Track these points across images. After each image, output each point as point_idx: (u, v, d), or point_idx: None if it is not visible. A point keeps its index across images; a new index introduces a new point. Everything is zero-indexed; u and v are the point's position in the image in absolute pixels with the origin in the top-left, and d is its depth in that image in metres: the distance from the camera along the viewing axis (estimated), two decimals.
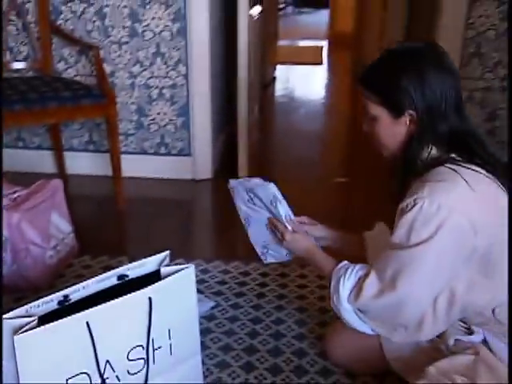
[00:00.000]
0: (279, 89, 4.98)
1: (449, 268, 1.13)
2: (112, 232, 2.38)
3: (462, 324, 1.24)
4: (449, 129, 1.18)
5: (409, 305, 1.17)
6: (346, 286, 1.26)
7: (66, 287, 1.27)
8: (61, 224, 2.01)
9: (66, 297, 1.27)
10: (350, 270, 1.28)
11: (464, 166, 1.14)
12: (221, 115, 3.16)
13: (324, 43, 7.41)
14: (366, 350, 1.39)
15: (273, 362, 1.57)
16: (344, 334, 1.42)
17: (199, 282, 1.90)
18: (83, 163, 2.89)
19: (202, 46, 2.69)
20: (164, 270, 1.39)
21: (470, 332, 1.23)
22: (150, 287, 1.31)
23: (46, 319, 1.20)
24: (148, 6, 2.67)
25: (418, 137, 1.20)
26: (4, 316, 1.17)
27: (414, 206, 1.12)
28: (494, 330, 1.20)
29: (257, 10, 3.09)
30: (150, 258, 1.41)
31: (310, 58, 6.41)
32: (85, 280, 1.30)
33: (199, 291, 1.75)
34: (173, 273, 1.37)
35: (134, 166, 2.81)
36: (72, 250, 2.08)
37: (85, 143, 2.91)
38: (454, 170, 1.13)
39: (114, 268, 1.36)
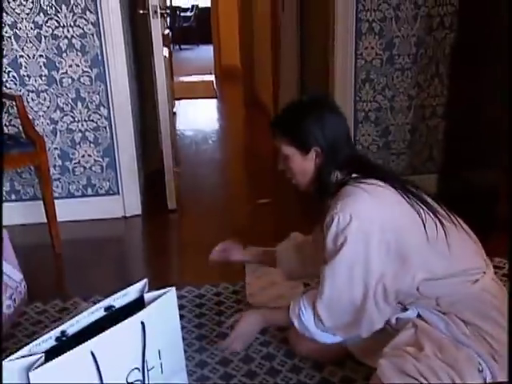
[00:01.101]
0: (181, 123, 5.15)
1: (374, 262, 1.35)
2: (55, 276, 2.41)
3: (399, 305, 1.46)
4: (345, 156, 1.45)
5: (355, 302, 1.39)
6: (307, 320, 1.45)
7: (34, 333, 1.32)
8: (12, 273, 2.02)
9: (63, 332, 1.35)
10: (301, 306, 1.46)
11: (363, 182, 1.40)
12: (140, 151, 3.27)
13: (212, 77, 7.73)
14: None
15: (247, 369, 1.71)
16: None
17: None
18: (6, 213, 2.84)
19: (121, 88, 2.81)
20: (147, 296, 1.51)
21: (406, 309, 1.43)
22: (140, 312, 1.43)
23: (49, 355, 1.28)
24: (64, 54, 2.75)
25: (325, 167, 1.44)
26: (11, 357, 1.24)
27: (332, 220, 1.35)
28: (424, 304, 1.42)
29: (165, 50, 3.28)
30: (130, 288, 1.52)
31: (204, 92, 6.67)
32: (45, 325, 1.35)
33: None
34: (156, 297, 1.50)
35: (63, 211, 2.83)
36: (24, 297, 2.09)
37: (6, 193, 2.88)
38: (356, 186, 1.39)
39: (69, 310, 1.44)
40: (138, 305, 1.48)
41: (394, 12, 2.90)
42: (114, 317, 1.42)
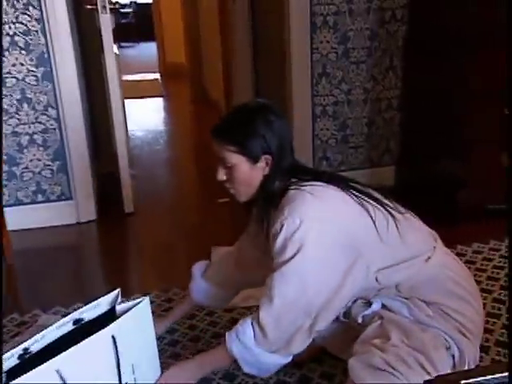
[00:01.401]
0: (130, 123, 4.99)
1: (330, 263, 1.31)
2: (10, 289, 2.25)
3: (363, 301, 1.44)
4: (290, 164, 1.40)
5: (312, 305, 1.32)
6: (248, 339, 1.33)
7: None
8: None
9: (25, 350, 1.25)
10: (238, 327, 1.35)
11: (304, 185, 1.35)
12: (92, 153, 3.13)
13: (157, 76, 7.57)
14: None
15: (225, 371, 1.65)
16: None
17: None
18: None
19: (71, 87, 2.67)
20: (119, 308, 1.42)
21: (370, 304, 1.42)
22: (111, 326, 1.34)
23: (11, 375, 1.17)
24: (7, 53, 2.58)
25: (272, 175, 1.37)
26: None
27: (281, 227, 1.28)
28: (386, 294, 1.41)
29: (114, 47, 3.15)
30: (101, 299, 1.43)
31: (150, 90, 6.52)
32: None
33: None
34: (129, 308, 1.41)
35: (13, 219, 2.66)
36: None
37: None
38: (298, 189, 1.34)
39: (29, 323, 1.34)
40: (109, 317, 1.39)
41: (348, 5, 2.90)
42: (84, 331, 1.33)
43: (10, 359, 1.21)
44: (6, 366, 1.19)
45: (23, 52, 2.60)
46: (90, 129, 3.21)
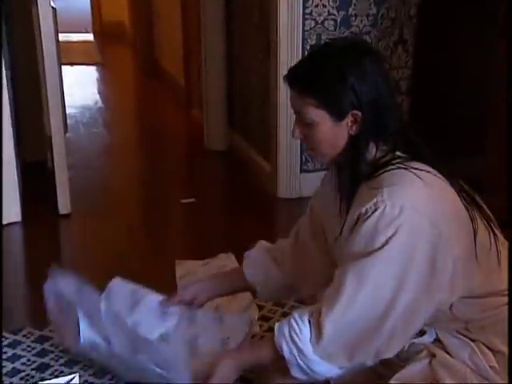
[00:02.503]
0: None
1: (414, 270, 1.27)
2: None
3: None
4: (389, 125, 1.34)
5: (378, 310, 1.28)
6: (303, 340, 1.31)
7: None
8: None
9: None
10: (293, 323, 1.33)
11: (414, 165, 1.29)
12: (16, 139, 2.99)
13: (90, 37, 7.40)
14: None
15: None
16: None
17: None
18: None
19: None
20: None
21: (422, 333, 1.39)
22: None
23: None
24: None
25: (363, 137, 1.33)
26: None
27: (375, 210, 1.26)
28: (449, 326, 1.37)
29: None
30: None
31: (85, 56, 6.33)
32: None
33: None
34: None
35: None
36: None
37: None
38: (405, 168, 1.29)
39: None
40: None
41: None
42: None
43: None
44: None
45: None
46: (15, 107, 3.08)
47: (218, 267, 2.29)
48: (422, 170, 1.29)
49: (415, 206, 1.26)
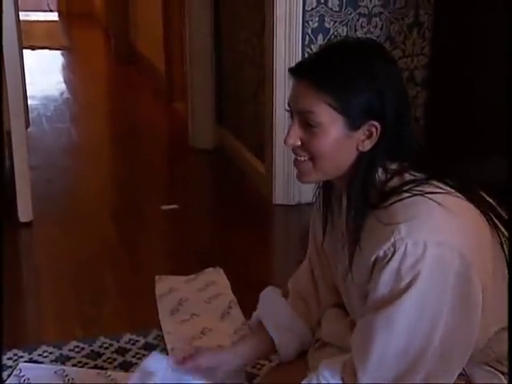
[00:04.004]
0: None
1: (446, 310, 1.29)
2: None
3: None
4: (413, 139, 1.34)
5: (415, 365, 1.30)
6: None
7: None
8: None
9: None
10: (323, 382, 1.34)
11: (429, 188, 1.27)
12: None
13: (54, 17, 7.45)
14: None
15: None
16: None
17: None
18: None
19: None
20: None
21: None
22: None
23: None
24: None
25: (379, 153, 1.30)
26: None
27: (394, 252, 1.25)
28: (478, 359, 1.38)
29: None
30: None
31: (49, 39, 6.38)
32: None
33: None
34: None
35: None
36: None
37: None
38: (420, 194, 1.27)
39: None
40: None
41: None
42: None
43: None
44: None
45: None
46: None
47: (205, 283, 2.32)
48: (439, 194, 1.28)
49: (440, 239, 1.26)
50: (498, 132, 2.73)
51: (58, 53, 6.20)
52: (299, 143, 1.33)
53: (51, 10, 7.60)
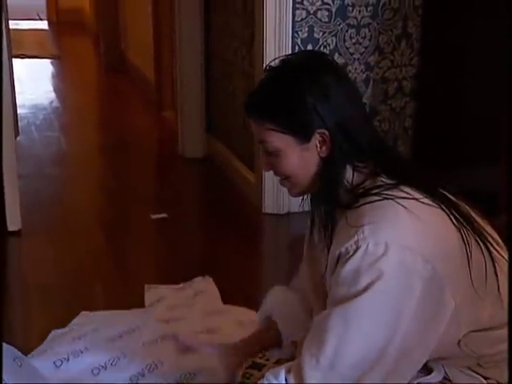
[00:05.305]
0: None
1: (409, 313, 1.31)
2: None
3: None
4: (363, 142, 1.37)
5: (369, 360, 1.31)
6: None
7: None
8: None
9: None
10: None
11: (398, 193, 1.32)
12: None
13: (44, 25, 7.44)
14: None
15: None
16: None
17: None
18: None
19: None
20: None
21: (429, 371, 1.42)
22: None
23: None
24: None
25: (337, 156, 1.37)
26: None
27: (356, 249, 1.29)
28: (459, 363, 1.41)
29: None
30: None
31: (38, 47, 6.38)
32: None
33: None
34: None
35: None
36: None
37: None
38: (389, 198, 1.32)
39: None
40: None
41: None
42: None
43: None
44: None
45: None
46: None
47: (194, 292, 2.32)
48: (407, 199, 1.33)
49: (402, 242, 1.30)
50: (486, 141, 2.76)
51: (47, 61, 6.20)
52: (270, 167, 1.44)
53: (41, 19, 7.59)
